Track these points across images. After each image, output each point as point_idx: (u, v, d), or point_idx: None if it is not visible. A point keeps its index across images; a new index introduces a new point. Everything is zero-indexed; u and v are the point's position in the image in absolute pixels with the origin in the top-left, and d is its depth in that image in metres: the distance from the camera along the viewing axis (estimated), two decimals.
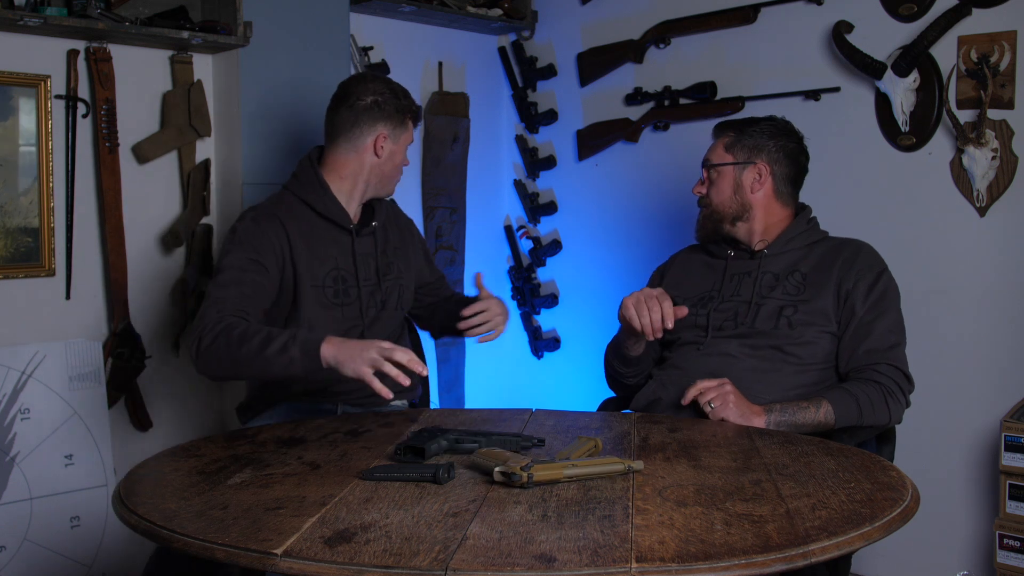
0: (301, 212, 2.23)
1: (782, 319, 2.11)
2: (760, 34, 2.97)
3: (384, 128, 2.23)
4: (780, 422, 1.95)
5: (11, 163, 2.52)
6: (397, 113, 2.24)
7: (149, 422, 2.77)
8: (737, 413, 1.94)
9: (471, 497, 1.40)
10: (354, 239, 2.26)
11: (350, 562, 1.15)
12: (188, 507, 1.38)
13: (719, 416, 1.94)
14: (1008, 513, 2.36)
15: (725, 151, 2.25)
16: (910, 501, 1.39)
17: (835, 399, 1.98)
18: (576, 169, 3.50)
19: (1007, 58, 2.48)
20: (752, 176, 2.22)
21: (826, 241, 2.23)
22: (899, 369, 2.05)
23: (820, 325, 2.10)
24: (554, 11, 3.50)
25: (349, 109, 2.23)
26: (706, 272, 2.30)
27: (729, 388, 1.96)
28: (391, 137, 2.25)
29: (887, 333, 2.07)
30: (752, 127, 2.25)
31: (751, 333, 2.13)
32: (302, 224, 2.21)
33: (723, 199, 2.23)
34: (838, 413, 1.97)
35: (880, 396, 2.01)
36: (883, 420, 2.02)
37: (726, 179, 2.24)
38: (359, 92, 2.23)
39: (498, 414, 2.02)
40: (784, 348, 2.09)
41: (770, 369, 2.09)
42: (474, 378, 3.55)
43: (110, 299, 2.68)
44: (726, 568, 1.13)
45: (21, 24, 2.38)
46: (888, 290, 2.12)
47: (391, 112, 2.23)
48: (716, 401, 1.95)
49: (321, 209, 2.23)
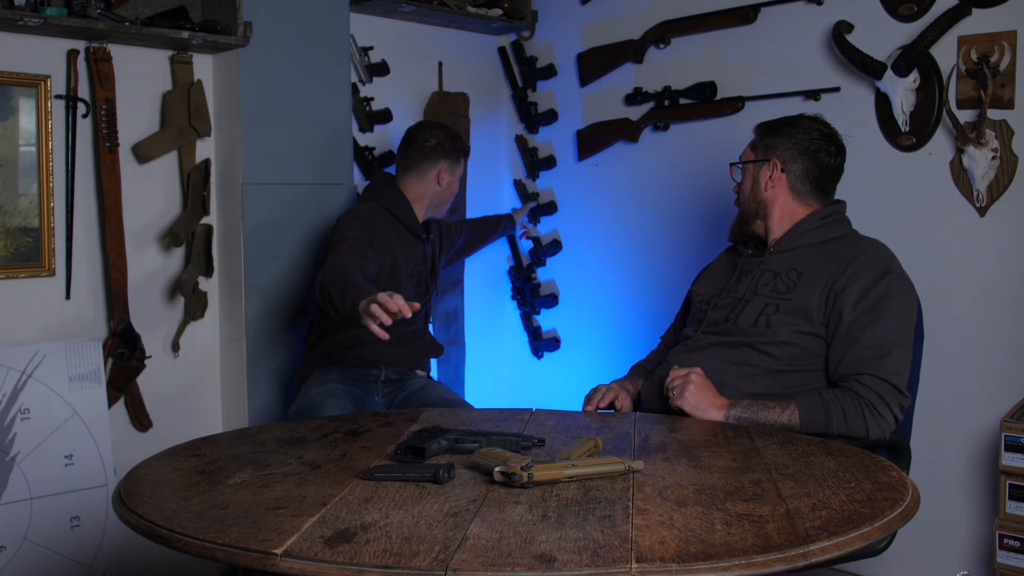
0: (388, 219, 2.71)
1: (761, 318, 2.08)
2: (760, 34, 2.97)
3: (444, 163, 2.77)
4: (741, 418, 1.93)
5: (11, 163, 2.52)
6: (455, 152, 2.80)
7: (149, 422, 2.77)
8: (693, 403, 1.94)
9: (471, 497, 1.40)
10: (423, 245, 2.81)
11: (350, 562, 1.15)
12: (188, 507, 1.38)
13: (676, 404, 1.95)
14: (1008, 513, 2.36)
15: (751, 149, 2.25)
16: (910, 501, 1.39)
17: (804, 404, 1.94)
18: (576, 169, 3.50)
19: (1007, 58, 2.48)
20: (767, 173, 2.19)
21: (840, 240, 2.16)
22: (885, 381, 1.94)
23: (797, 326, 2.04)
24: (554, 11, 3.50)
25: (419, 149, 2.76)
26: (726, 270, 2.30)
27: (694, 377, 1.96)
28: (449, 170, 2.79)
29: (880, 341, 1.97)
30: (780, 125, 2.22)
31: (732, 330, 2.12)
32: (395, 227, 2.71)
33: (745, 197, 2.24)
34: (804, 418, 1.93)
35: (857, 408, 1.93)
36: (858, 433, 1.93)
37: (747, 176, 2.24)
38: (426, 136, 2.77)
39: (498, 414, 2.03)
40: (757, 347, 2.06)
41: (740, 365, 2.07)
42: (474, 378, 3.55)
43: (110, 299, 2.68)
44: (726, 568, 1.13)
45: (21, 24, 2.38)
46: (889, 295, 2.01)
47: (450, 151, 2.78)
48: (677, 389, 1.96)
49: (406, 220, 2.74)
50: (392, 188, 2.77)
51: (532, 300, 3.61)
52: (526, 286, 3.61)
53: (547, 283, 3.64)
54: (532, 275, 3.62)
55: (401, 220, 2.74)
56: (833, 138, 2.21)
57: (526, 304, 3.63)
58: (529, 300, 3.61)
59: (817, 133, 2.20)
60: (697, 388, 1.96)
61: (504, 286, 3.70)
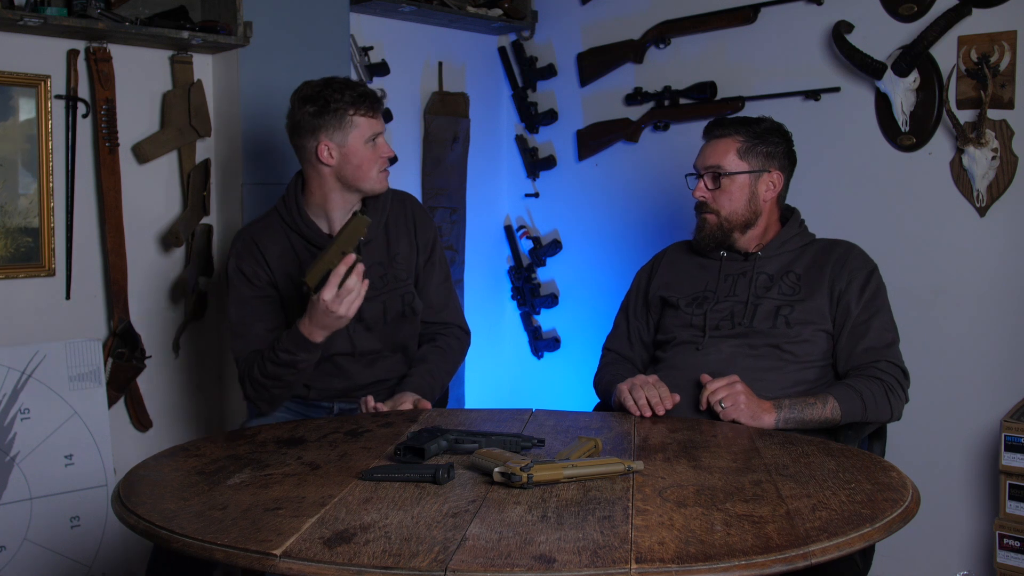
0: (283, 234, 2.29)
1: (779, 318, 2.11)
2: (760, 34, 2.97)
3: (324, 136, 2.19)
4: (789, 419, 1.95)
5: (11, 163, 2.52)
6: (331, 116, 2.18)
7: (149, 422, 2.77)
8: (748, 413, 1.93)
9: (471, 497, 1.40)
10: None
11: (349, 563, 1.15)
12: (187, 507, 1.38)
13: (730, 417, 1.93)
14: (1008, 513, 2.36)
15: (739, 158, 2.19)
16: (910, 502, 1.39)
17: (840, 395, 1.99)
18: (576, 169, 3.50)
19: (1007, 58, 2.48)
20: (766, 184, 2.20)
21: (816, 243, 2.24)
22: (897, 365, 2.08)
23: (816, 324, 2.11)
24: (554, 11, 3.50)
25: (291, 130, 2.25)
26: (699, 272, 2.28)
27: (740, 387, 1.95)
28: (331, 137, 2.19)
29: (883, 331, 2.10)
30: (762, 131, 2.20)
31: (749, 332, 2.13)
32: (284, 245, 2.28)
33: (736, 207, 2.19)
34: (844, 409, 1.98)
35: (882, 392, 2.02)
36: (885, 416, 2.04)
37: (741, 187, 2.19)
38: (292, 111, 2.24)
39: (498, 414, 2.02)
40: (782, 347, 2.10)
41: (769, 368, 2.09)
42: (474, 378, 3.55)
43: (110, 299, 2.68)
44: (726, 569, 1.13)
45: (21, 24, 2.38)
46: (879, 289, 2.15)
47: (326, 119, 2.18)
48: (727, 401, 1.94)
49: (298, 230, 2.27)
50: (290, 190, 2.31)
51: (532, 300, 3.61)
52: (526, 286, 3.61)
53: (547, 283, 3.63)
54: (532, 275, 3.62)
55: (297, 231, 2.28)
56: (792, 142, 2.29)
57: (526, 304, 3.63)
58: (529, 300, 3.61)
59: (786, 138, 2.25)
60: (748, 397, 1.95)
61: (504, 286, 3.70)
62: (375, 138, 2.22)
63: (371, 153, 2.22)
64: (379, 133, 2.24)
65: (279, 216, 2.31)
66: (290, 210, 2.28)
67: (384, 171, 2.26)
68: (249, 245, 2.28)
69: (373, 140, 2.22)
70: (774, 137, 2.22)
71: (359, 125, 2.20)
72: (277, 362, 2.13)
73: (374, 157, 2.23)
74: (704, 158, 2.24)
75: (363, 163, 2.21)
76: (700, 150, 2.27)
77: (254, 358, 2.20)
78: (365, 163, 2.21)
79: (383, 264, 2.31)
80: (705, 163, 2.23)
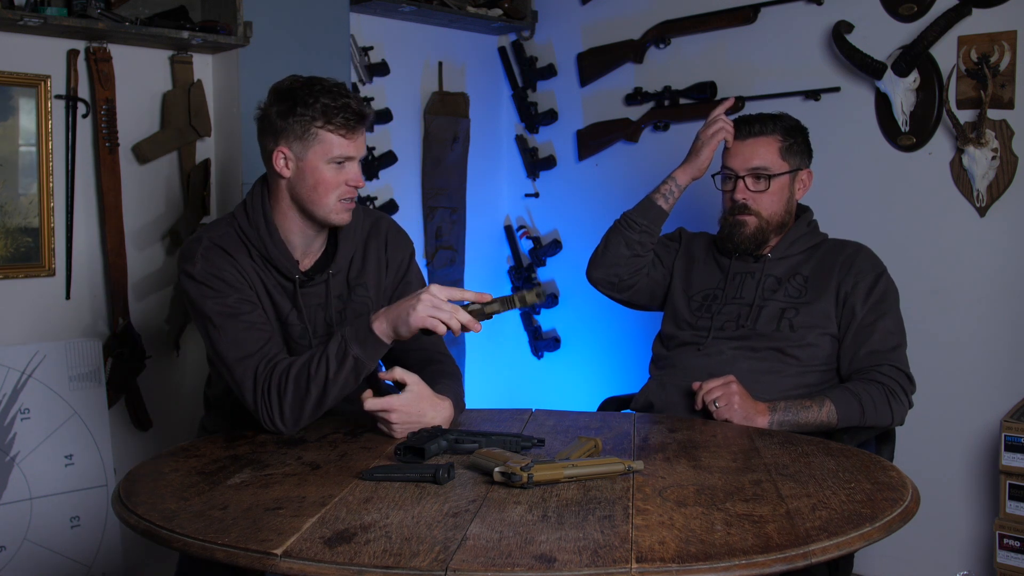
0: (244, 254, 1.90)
1: (783, 322, 2.10)
2: (760, 34, 2.97)
3: (283, 141, 1.85)
4: (783, 421, 1.95)
5: (11, 163, 2.52)
6: (294, 121, 1.82)
7: (149, 422, 2.77)
8: (741, 414, 1.93)
9: (471, 497, 1.40)
10: (297, 289, 1.91)
11: (350, 562, 1.15)
12: (188, 507, 1.38)
13: (723, 416, 1.93)
14: (1008, 513, 2.36)
15: (781, 157, 2.14)
16: (910, 502, 1.39)
17: (838, 399, 1.98)
18: (576, 169, 3.50)
19: (1007, 58, 2.48)
20: (800, 183, 2.19)
21: (826, 244, 2.21)
22: (901, 370, 2.04)
23: (821, 327, 2.09)
24: (554, 11, 3.50)
25: (257, 123, 1.92)
26: (712, 269, 2.27)
27: (735, 388, 1.95)
28: (290, 147, 1.84)
29: (888, 334, 2.06)
30: (792, 128, 2.17)
31: (752, 335, 2.12)
32: (247, 268, 1.90)
33: (776, 209, 2.14)
34: (840, 413, 1.97)
35: (883, 396, 2.00)
36: (885, 421, 2.01)
37: (782, 188, 2.14)
38: (265, 102, 1.89)
39: (498, 414, 2.02)
40: (785, 350, 2.09)
41: (770, 371, 2.08)
42: (474, 378, 3.55)
43: (110, 299, 2.68)
44: (726, 568, 1.13)
45: (21, 24, 2.38)
46: (888, 292, 2.11)
47: (289, 122, 1.83)
48: (721, 401, 1.94)
49: (265, 251, 1.90)
50: (255, 200, 1.93)
51: None
52: (526, 286, 3.61)
53: (547, 283, 3.64)
54: (532, 275, 3.62)
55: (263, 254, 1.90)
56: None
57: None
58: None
59: (806, 134, 2.22)
60: (742, 398, 1.94)
61: (504, 286, 3.70)
62: (343, 161, 1.85)
63: (332, 176, 1.85)
64: (350, 157, 1.86)
65: (238, 232, 1.91)
66: (256, 225, 1.89)
67: (347, 201, 1.88)
68: (216, 250, 1.88)
69: (340, 163, 1.85)
70: (801, 134, 2.19)
71: (324, 141, 1.83)
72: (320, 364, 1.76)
73: (335, 182, 1.85)
74: (745, 158, 2.13)
75: (319, 185, 1.84)
76: (733, 149, 2.16)
77: (282, 366, 1.79)
78: (321, 185, 1.84)
79: (342, 298, 1.98)
80: (748, 164, 2.13)
